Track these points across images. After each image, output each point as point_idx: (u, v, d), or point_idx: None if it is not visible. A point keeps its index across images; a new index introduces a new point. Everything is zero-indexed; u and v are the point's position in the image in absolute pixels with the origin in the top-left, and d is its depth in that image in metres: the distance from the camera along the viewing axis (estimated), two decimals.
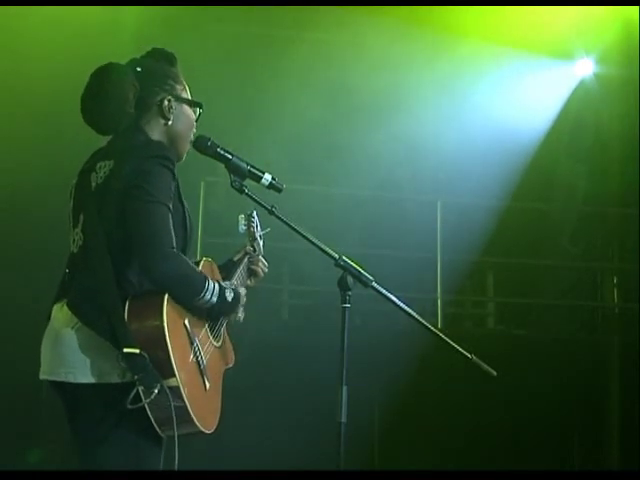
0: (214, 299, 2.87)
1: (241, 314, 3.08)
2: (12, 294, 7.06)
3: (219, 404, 3.03)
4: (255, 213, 3.43)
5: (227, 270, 3.24)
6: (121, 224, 2.82)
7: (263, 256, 3.41)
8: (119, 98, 2.93)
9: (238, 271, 3.24)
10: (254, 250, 3.39)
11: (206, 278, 2.88)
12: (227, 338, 3.13)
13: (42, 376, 2.91)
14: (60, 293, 2.93)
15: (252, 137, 7.73)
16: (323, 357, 4.32)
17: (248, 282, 3.32)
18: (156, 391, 2.68)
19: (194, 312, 2.90)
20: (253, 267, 3.33)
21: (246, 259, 3.33)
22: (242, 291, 3.08)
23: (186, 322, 2.86)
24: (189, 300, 2.85)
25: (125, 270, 2.82)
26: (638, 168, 8.89)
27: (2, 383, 6.76)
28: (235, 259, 3.33)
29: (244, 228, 3.41)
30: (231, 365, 3.14)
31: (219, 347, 3.04)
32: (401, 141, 8.76)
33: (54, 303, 2.94)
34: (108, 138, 3.06)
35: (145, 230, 2.78)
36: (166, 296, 2.78)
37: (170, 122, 3.03)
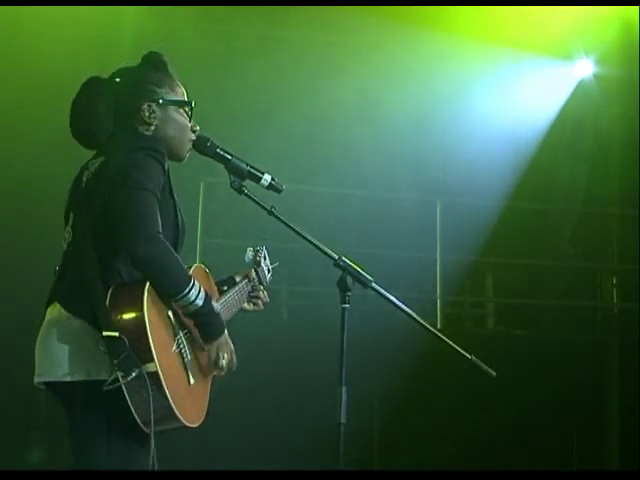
0: (199, 302, 2.80)
1: (222, 359, 2.93)
2: (12, 295, 7.06)
3: (204, 402, 2.98)
4: (265, 247, 3.43)
5: (224, 285, 3.23)
6: (108, 214, 2.81)
7: (267, 289, 3.37)
8: (91, 115, 2.98)
9: (233, 291, 3.21)
10: (258, 278, 3.36)
11: (192, 277, 2.83)
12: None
13: (36, 379, 2.89)
14: (51, 292, 2.93)
15: (252, 137, 7.73)
16: (322, 357, 4.33)
17: (245, 305, 3.31)
18: (134, 374, 2.66)
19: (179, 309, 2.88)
20: (254, 299, 3.34)
21: (246, 284, 3.30)
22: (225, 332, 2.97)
23: (170, 314, 2.83)
24: (171, 292, 2.79)
25: (113, 262, 2.82)
26: (638, 168, 8.89)
27: (2, 383, 6.77)
28: (237, 279, 3.30)
29: (250, 258, 3.39)
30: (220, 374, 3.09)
31: (206, 350, 2.98)
32: (400, 141, 8.77)
33: (47, 305, 2.93)
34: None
35: (129, 213, 2.76)
36: (148, 283, 2.76)
37: (153, 127, 3.02)
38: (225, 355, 2.93)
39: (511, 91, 9.05)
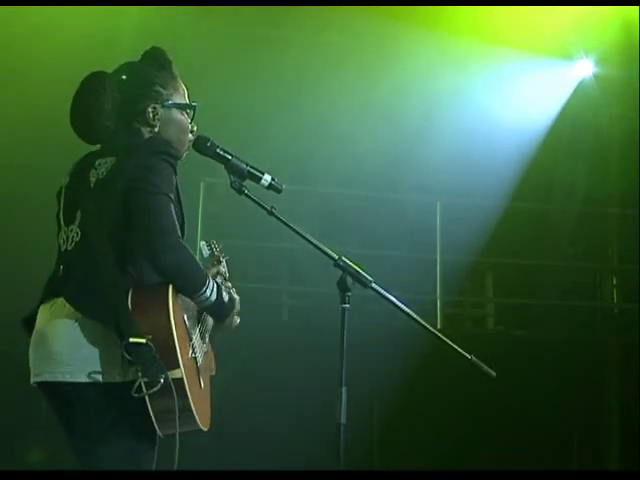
0: (213, 297, 2.85)
1: (236, 321, 3.06)
2: (11, 294, 7.06)
3: (209, 405, 3.01)
4: (215, 241, 3.41)
5: None
6: (123, 217, 2.80)
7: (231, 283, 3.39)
8: (96, 111, 2.94)
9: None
10: (225, 273, 3.37)
11: (207, 274, 2.88)
12: (210, 346, 3.10)
13: (34, 379, 2.85)
14: (50, 291, 2.89)
15: (251, 137, 7.73)
16: (323, 358, 4.32)
17: None
18: (162, 381, 2.65)
19: (190, 311, 2.90)
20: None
21: (219, 279, 3.27)
22: (237, 297, 3.05)
23: (185, 318, 2.86)
24: (191, 293, 2.83)
25: (125, 263, 2.80)
26: (638, 168, 8.90)
27: (1, 383, 6.77)
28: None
29: (208, 252, 3.39)
30: (213, 373, 3.10)
31: (206, 352, 3.03)
32: (401, 141, 8.77)
33: (41, 302, 2.90)
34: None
35: (152, 220, 2.76)
36: (170, 287, 2.77)
37: (157, 129, 3.01)
38: (236, 319, 3.04)
39: (511, 91, 9.05)
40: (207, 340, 3.05)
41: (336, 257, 3.07)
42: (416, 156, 8.76)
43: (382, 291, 3.10)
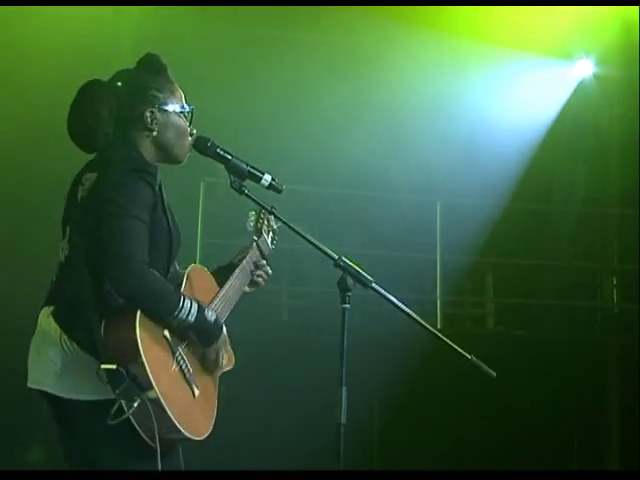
0: (191, 319, 2.82)
1: (221, 358, 2.99)
2: (13, 293, 7.06)
3: (212, 409, 3.01)
4: (272, 208, 3.24)
5: (224, 274, 3.21)
6: (99, 237, 2.80)
7: (268, 262, 3.35)
8: (94, 118, 2.93)
9: (233, 279, 3.19)
10: (260, 252, 3.34)
11: (181, 296, 2.83)
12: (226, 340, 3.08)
13: (32, 385, 2.88)
14: (49, 298, 2.93)
15: (251, 137, 7.73)
16: (323, 358, 4.32)
17: (246, 289, 3.29)
18: (136, 404, 2.68)
19: None
20: (257, 277, 3.30)
21: (246, 264, 3.28)
22: (224, 329, 3.00)
23: (166, 333, 2.83)
24: (162, 317, 2.80)
25: (105, 283, 2.80)
26: (638, 168, 8.90)
27: (2, 383, 6.77)
28: (235, 261, 3.28)
29: (252, 225, 3.37)
30: (230, 367, 3.11)
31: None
32: (401, 142, 8.77)
33: (43, 306, 2.92)
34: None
35: (114, 244, 2.76)
36: (139, 310, 2.76)
37: (155, 133, 3.01)
38: (224, 354, 2.99)
39: (511, 91, 9.05)
40: None
41: (336, 257, 3.07)
42: (416, 156, 8.75)
43: (382, 291, 3.10)
